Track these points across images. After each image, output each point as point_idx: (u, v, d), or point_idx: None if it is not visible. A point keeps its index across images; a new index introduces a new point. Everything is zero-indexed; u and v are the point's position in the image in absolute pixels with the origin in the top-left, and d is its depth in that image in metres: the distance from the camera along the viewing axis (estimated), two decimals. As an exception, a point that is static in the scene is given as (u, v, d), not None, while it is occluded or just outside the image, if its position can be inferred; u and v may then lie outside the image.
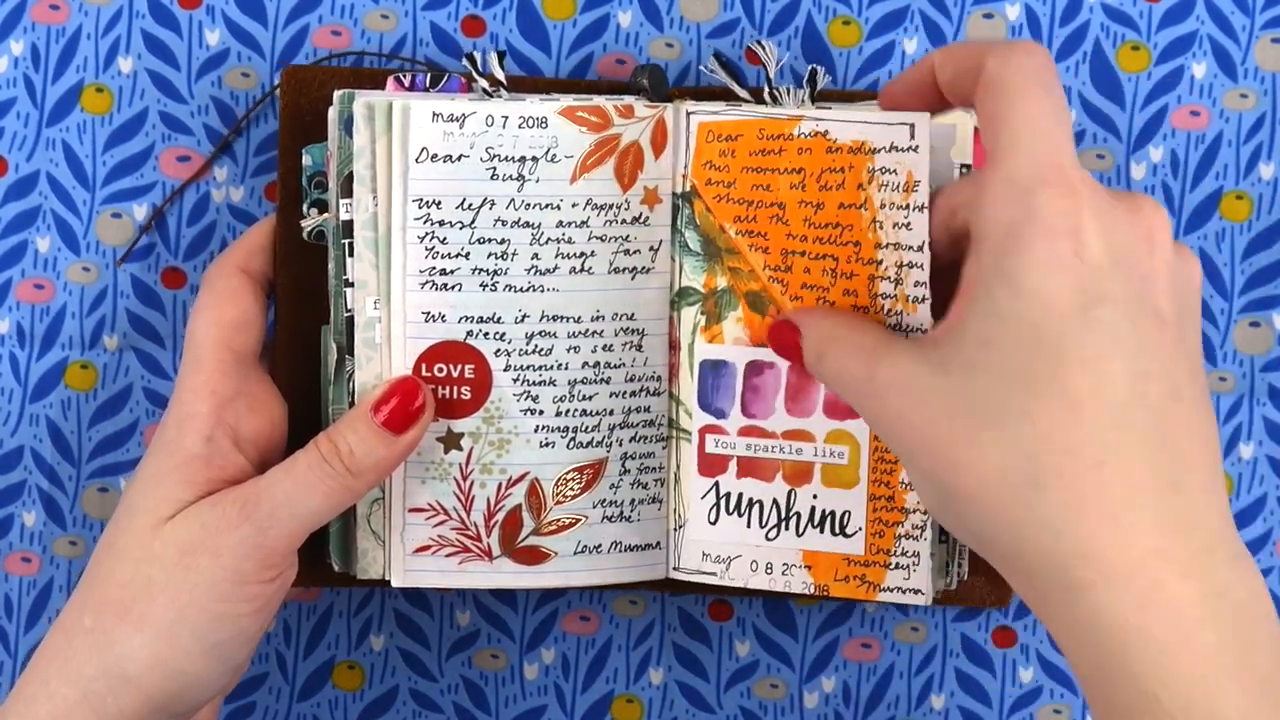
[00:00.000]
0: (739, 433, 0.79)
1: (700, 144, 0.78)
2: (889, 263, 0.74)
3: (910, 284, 0.74)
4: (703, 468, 0.80)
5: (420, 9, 0.85)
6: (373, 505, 0.80)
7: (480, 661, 0.87)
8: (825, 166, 0.76)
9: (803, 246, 0.76)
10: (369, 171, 0.77)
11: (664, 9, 0.85)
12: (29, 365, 0.86)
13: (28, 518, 0.86)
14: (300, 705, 0.87)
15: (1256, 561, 0.85)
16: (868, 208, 0.75)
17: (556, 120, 0.77)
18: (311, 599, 0.87)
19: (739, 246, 0.78)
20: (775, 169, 0.77)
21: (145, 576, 0.75)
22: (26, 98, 0.85)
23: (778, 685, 0.88)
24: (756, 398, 0.79)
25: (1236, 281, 0.85)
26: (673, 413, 0.81)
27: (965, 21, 0.85)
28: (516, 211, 0.78)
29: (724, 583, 0.80)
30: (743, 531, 0.80)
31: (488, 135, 0.77)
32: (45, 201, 0.85)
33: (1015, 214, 0.65)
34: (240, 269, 0.80)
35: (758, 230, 0.78)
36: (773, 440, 0.79)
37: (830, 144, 0.76)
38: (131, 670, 0.74)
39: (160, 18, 0.85)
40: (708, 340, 0.79)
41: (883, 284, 0.75)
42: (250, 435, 0.78)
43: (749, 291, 0.78)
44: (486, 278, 0.78)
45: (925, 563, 0.78)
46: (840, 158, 0.75)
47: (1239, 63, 0.85)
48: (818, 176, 0.76)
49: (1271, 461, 0.86)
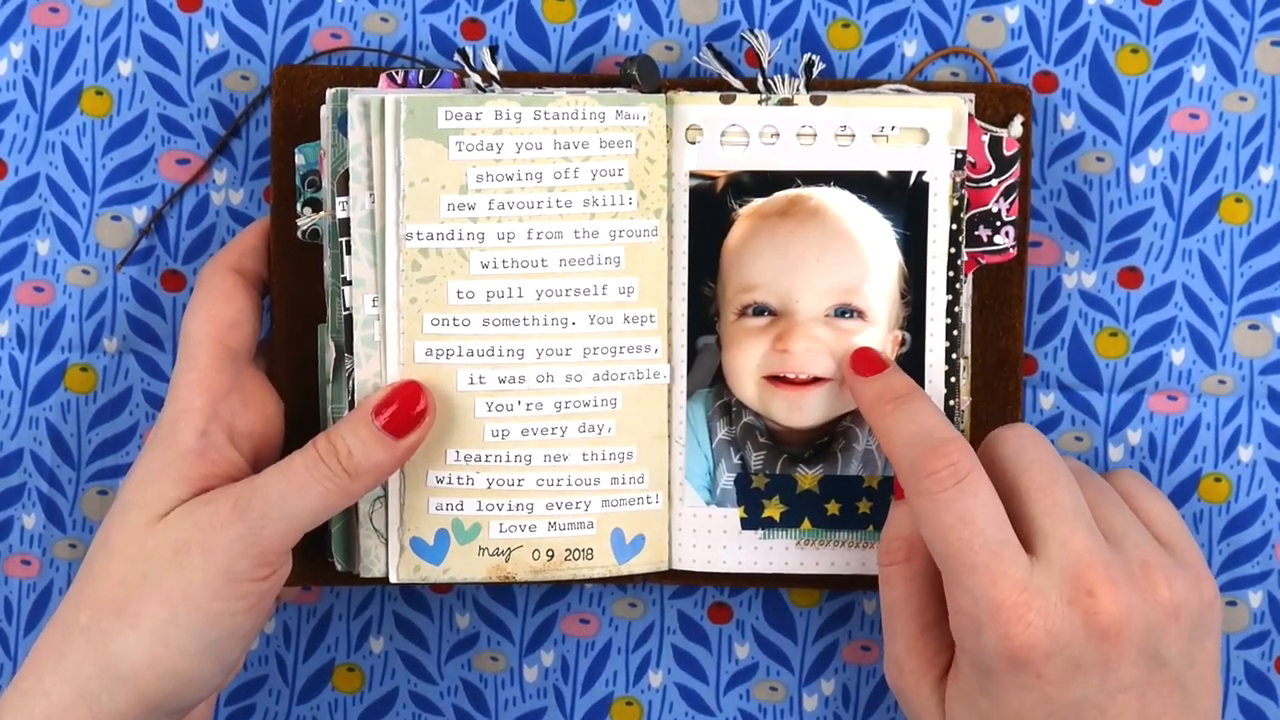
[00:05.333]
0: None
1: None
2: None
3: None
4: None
5: (420, 12, 0.85)
6: (375, 504, 0.80)
7: (480, 664, 0.87)
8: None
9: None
10: (365, 169, 0.78)
11: (663, 11, 0.85)
12: (29, 368, 0.86)
13: (27, 520, 0.86)
14: (300, 708, 0.87)
15: (1255, 565, 0.85)
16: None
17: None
18: (311, 601, 0.87)
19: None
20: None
21: (139, 574, 0.75)
22: (26, 100, 0.85)
23: (777, 688, 0.87)
24: None
25: (1235, 284, 0.85)
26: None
27: (965, 24, 0.85)
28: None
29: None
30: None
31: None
32: (45, 204, 0.85)
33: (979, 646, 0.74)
34: (234, 269, 0.80)
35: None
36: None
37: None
38: (127, 669, 0.74)
39: (160, 21, 0.85)
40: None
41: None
42: (245, 430, 0.78)
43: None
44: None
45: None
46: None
47: (1238, 65, 0.85)
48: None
49: (1270, 464, 0.85)
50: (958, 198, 0.81)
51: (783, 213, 0.81)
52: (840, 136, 0.81)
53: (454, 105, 0.78)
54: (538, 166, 0.79)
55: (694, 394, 0.82)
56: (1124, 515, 0.77)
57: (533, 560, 0.81)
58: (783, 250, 0.81)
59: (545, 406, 0.80)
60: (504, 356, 0.79)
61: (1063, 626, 0.72)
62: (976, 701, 0.75)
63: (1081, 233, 0.85)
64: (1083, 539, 0.73)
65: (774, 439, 0.82)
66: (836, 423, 0.82)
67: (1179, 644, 0.74)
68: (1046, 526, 0.74)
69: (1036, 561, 0.73)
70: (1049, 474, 0.75)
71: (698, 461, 0.82)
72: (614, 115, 0.79)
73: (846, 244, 0.81)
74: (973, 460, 0.74)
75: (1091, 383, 0.86)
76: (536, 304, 0.79)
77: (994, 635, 0.72)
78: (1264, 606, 0.86)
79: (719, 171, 0.81)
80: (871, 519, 0.82)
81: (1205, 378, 0.85)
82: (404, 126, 0.78)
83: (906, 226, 0.81)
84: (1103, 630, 0.72)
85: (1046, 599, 0.72)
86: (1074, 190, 0.85)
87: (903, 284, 0.81)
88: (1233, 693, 0.86)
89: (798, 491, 0.82)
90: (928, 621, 0.78)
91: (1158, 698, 0.74)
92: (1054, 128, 0.85)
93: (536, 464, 0.80)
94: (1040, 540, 0.74)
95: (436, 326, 0.79)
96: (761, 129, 0.81)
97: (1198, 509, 0.86)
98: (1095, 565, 0.73)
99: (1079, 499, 0.75)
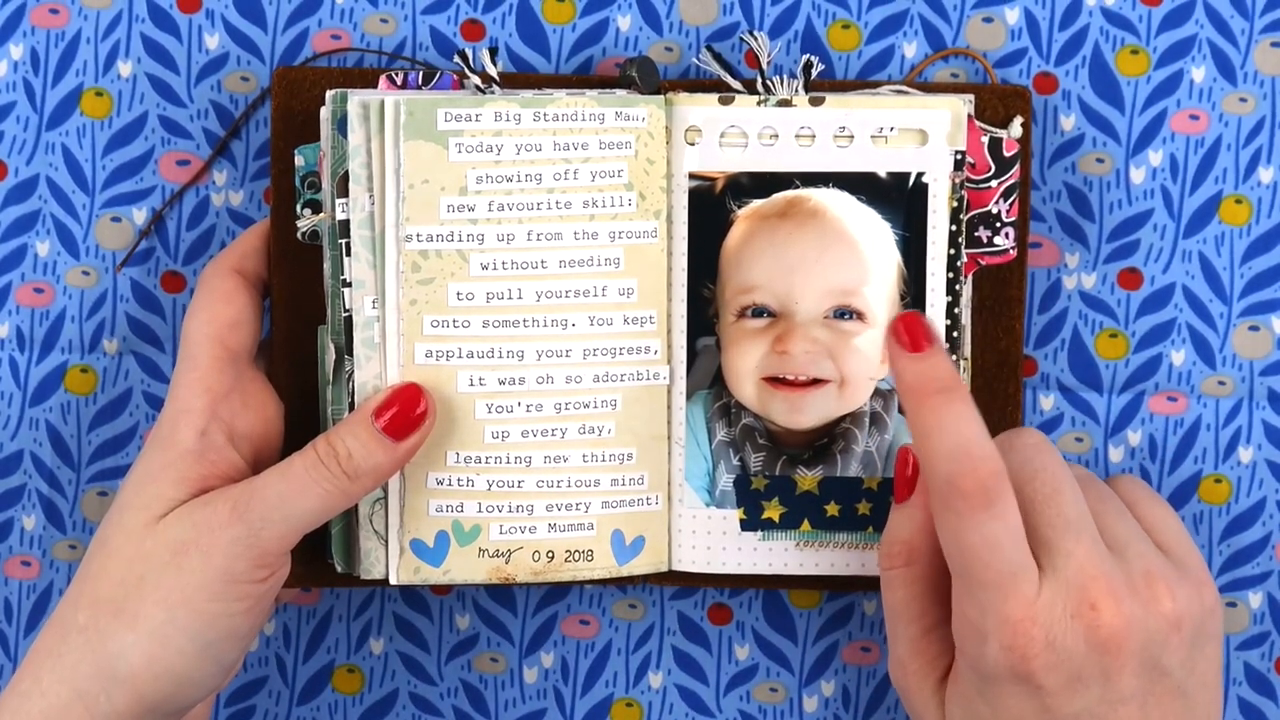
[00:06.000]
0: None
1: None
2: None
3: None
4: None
5: (420, 13, 0.85)
6: (375, 505, 0.80)
7: (480, 665, 0.87)
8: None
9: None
10: (365, 171, 0.78)
11: (663, 13, 0.85)
12: (29, 369, 0.86)
13: (27, 521, 0.86)
14: (300, 709, 0.87)
15: (1255, 566, 0.85)
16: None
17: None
18: (311, 603, 0.87)
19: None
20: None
21: (137, 575, 0.75)
22: (26, 102, 0.85)
23: (777, 689, 0.87)
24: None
25: (1235, 285, 0.85)
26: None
27: (965, 25, 0.85)
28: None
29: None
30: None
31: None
32: (45, 205, 0.85)
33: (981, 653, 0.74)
34: (234, 270, 0.80)
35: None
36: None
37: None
38: (124, 670, 0.74)
39: (160, 22, 0.85)
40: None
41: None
42: (245, 431, 0.78)
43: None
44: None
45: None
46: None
47: (1238, 67, 0.85)
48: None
49: (1270, 466, 0.85)
50: (957, 199, 0.81)
51: (782, 214, 0.81)
52: (839, 138, 0.81)
53: (453, 107, 0.78)
54: (537, 168, 0.79)
55: (693, 395, 0.82)
56: (1127, 523, 0.77)
57: (533, 562, 0.81)
58: (782, 251, 0.81)
59: (545, 408, 0.80)
60: (504, 358, 0.79)
61: (1065, 639, 0.72)
62: (975, 706, 0.75)
63: (1081, 234, 0.85)
64: (1086, 551, 0.73)
65: (773, 440, 0.82)
66: (836, 424, 0.82)
67: (1180, 653, 0.74)
68: (1051, 538, 0.74)
69: (1043, 574, 0.73)
70: (1054, 483, 0.75)
71: (697, 463, 0.82)
72: (613, 116, 0.79)
73: (846, 245, 0.81)
74: (1006, 483, 0.73)
75: (1091, 384, 0.86)
76: (536, 305, 0.79)
77: (997, 647, 0.72)
78: (1264, 607, 0.86)
79: (718, 173, 0.81)
80: (871, 520, 0.82)
81: (1205, 379, 0.85)
82: (403, 128, 0.78)
83: (906, 228, 0.81)
84: (1104, 643, 0.72)
85: (1052, 613, 0.72)
86: (1074, 191, 0.85)
87: (902, 285, 0.81)
88: (1233, 693, 0.86)
89: (797, 493, 0.82)
90: (930, 624, 0.78)
91: (1158, 707, 0.74)
92: (1054, 129, 0.85)
93: (536, 465, 0.80)
94: (1045, 552, 0.73)
95: (436, 328, 0.79)
96: (760, 130, 0.81)
97: (1198, 510, 0.86)
98: (1098, 578, 0.73)
99: (1083, 509, 0.75)
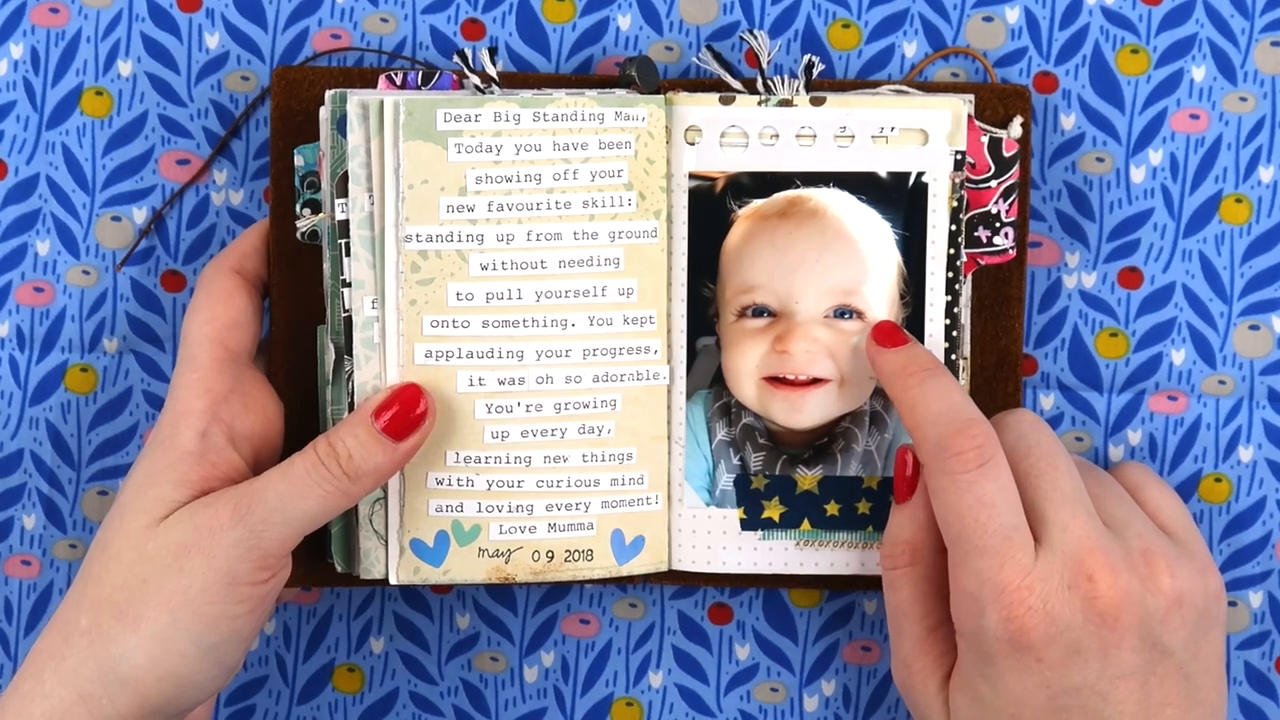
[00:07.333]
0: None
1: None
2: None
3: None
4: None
5: (420, 12, 0.85)
6: (374, 505, 0.80)
7: (480, 664, 0.87)
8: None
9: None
10: (364, 171, 0.78)
11: (663, 12, 0.85)
12: (29, 368, 0.86)
13: (27, 521, 0.86)
14: (300, 708, 0.87)
15: (1255, 565, 0.85)
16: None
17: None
18: (311, 602, 0.87)
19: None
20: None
21: (139, 578, 0.75)
22: (26, 101, 0.85)
23: (778, 689, 0.87)
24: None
25: (1236, 285, 0.85)
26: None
27: (965, 24, 0.85)
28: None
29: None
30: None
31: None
32: (45, 204, 0.85)
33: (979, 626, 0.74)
34: (234, 270, 0.80)
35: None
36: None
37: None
38: (127, 672, 0.74)
39: (160, 21, 0.85)
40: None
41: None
42: (245, 432, 0.78)
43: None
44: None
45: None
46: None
47: (1238, 66, 0.85)
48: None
49: (1270, 465, 0.85)
50: (957, 199, 0.81)
51: (782, 214, 0.81)
52: (840, 137, 0.81)
53: (453, 107, 0.78)
54: (537, 168, 0.79)
55: (693, 395, 0.82)
56: (1126, 505, 0.77)
57: (533, 561, 0.81)
58: (782, 251, 0.81)
59: (545, 408, 0.80)
60: (503, 358, 0.79)
61: (1062, 610, 0.73)
62: (978, 689, 0.75)
63: (1081, 233, 0.85)
64: (1083, 524, 0.74)
65: (773, 440, 0.82)
66: (836, 424, 0.82)
67: (1182, 634, 0.74)
68: (1047, 511, 0.74)
69: (1039, 547, 0.73)
70: (1049, 459, 0.76)
71: (697, 462, 0.82)
72: (613, 116, 0.79)
73: (846, 245, 0.81)
74: (996, 444, 0.74)
75: (1091, 383, 0.86)
76: (536, 305, 0.79)
77: (995, 617, 0.73)
78: (1264, 606, 0.86)
79: (718, 172, 0.81)
80: (871, 519, 0.82)
81: (1205, 378, 0.85)
82: (403, 128, 0.78)
83: (906, 227, 0.81)
84: (1101, 614, 0.73)
85: (1048, 583, 0.73)
86: (1074, 191, 0.85)
87: (902, 285, 0.81)
88: (1233, 693, 0.86)
89: (797, 492, 0.82)
90: (934, 623, 0.78)
91: (1160, 687, 0.74)
92: (1054, 128, 0.85)
93: (536, 465, 0.80)
94: (1041, 525, 0.74)
95: (436, 328, 0.79)
96: (761, 130, 0.81)
97: (1198, 509, 0.86)
98: (1095, 550, 0.73)
99: (1079, 484, 0.75)
